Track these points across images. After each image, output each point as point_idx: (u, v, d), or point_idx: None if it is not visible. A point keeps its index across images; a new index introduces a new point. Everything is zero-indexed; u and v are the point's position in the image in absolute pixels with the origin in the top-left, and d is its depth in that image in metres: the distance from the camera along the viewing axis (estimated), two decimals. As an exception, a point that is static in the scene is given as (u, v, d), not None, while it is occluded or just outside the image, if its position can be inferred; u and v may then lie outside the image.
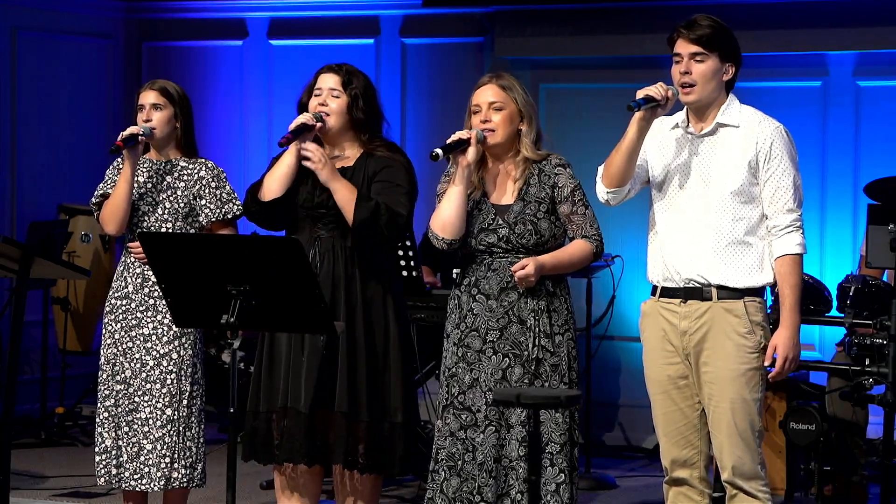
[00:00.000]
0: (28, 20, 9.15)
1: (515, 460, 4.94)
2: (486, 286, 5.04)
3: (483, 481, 4.96)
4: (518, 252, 5.02)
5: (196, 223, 5.59)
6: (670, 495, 4.86)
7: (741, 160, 4.71)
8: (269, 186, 5.22)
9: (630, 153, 4.77)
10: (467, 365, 5.04)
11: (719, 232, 4.72)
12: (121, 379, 5.56)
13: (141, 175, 5.63)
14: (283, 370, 5.19)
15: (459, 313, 5.09)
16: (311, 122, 5.18)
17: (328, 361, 5.13)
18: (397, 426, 5.16)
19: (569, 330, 5.07)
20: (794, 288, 4.70)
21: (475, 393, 5.01)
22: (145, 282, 5.55)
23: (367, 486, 5.22)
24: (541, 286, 5.01)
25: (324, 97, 5.23)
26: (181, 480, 5.52)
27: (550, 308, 5.03)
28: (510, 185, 5.08)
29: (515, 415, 4.95)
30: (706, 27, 4.71)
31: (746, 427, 4.70)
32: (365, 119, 5.24)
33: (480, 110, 5.07)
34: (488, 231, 5.04)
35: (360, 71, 5.32)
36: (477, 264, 5.08)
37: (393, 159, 5.22)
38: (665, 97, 4.70)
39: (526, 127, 5.09)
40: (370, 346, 5.15)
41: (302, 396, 5.13)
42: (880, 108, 8.10)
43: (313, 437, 5.13)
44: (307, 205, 5.22)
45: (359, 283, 5.17)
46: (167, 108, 5.62)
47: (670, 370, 4.80)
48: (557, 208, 5.06)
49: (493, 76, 5.16)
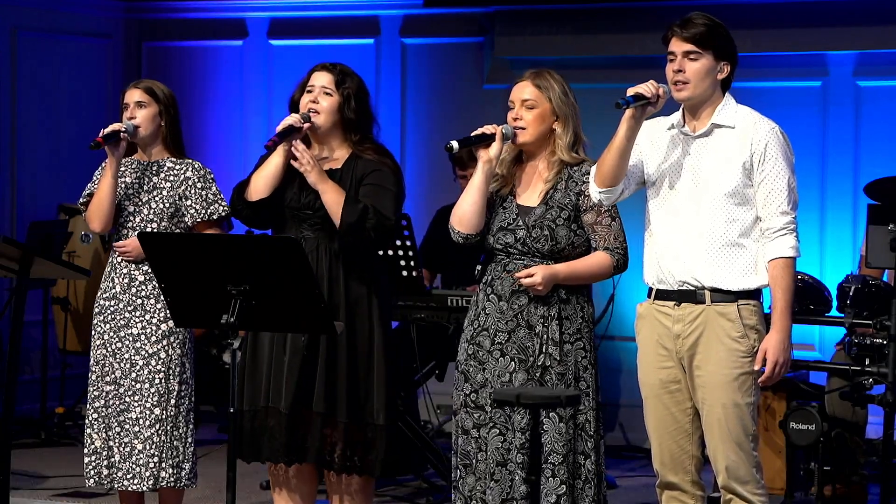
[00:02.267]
0: (28, 20, 9.15)
1: (515, 468, 4.89)
2: (500, 287, 5.00)
3: (485, 485, 4.95)
4: (533, 256, 4.97)
5: (182, 223, 5.59)
6: (663, 499, 4.85)
7: (736, 161, 4.67)
8: (256, 186, 5.22)
9: (621, 152, 4.72)
10: (478, 363, 5.01)
11: (713, 234, 4.68)
12: (111, 379, 5.56)
13: (128, 175, 5.63)
14: (265, 369, 5.19)
15: (475, 311, 5.06)
16: (298, 124, 5.17)
17: (310, 362, 5.13)
18: (379, 428, 5.14)
19: (581, 339, 4.99)
20: (786, 291, 4.64)
21: (486, 392, 4.98)
22: (132, 282, 5.56)
23: (358, 486, 5.20)
24: (553, 293, 4.95)
25: (315, 94, 5.22)
26: (168, 480, 5.51)
27: (562, 315, 4.96)
28: (539, 186, 5.02)
29: (516, 420, 4.91)
30: (700, 25, 4.67)
31: (740, 431, 4.66)
32: (355, 120, 5.23)
33: (514, 106, 5.03)
34: (507, 231, 5.00)
35: (354, 72, 5.31)
36: (495, 263, 5.04)
37: (381, 162, 5.21)
38: (656, 95, 4.65)
39: (560, 128, 5.02)
40: (352, 348, 5.14)
41: (283, 396, 5.13)
42: (880, 108, 8.10)
43: (293, 436, 5.13)
44: (293, 205, 5.21)
45: (342, 284, 5.15)
46: (151, 106, 5.61)
47: (662, 374, 4.76)
48: (581, 217, 4.99)
49: (533, 73, 5.09)
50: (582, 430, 4.95)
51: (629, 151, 4.74)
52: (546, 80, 5.06)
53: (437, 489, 7.13)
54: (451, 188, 7.69)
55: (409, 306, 7.05)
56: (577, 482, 4.94)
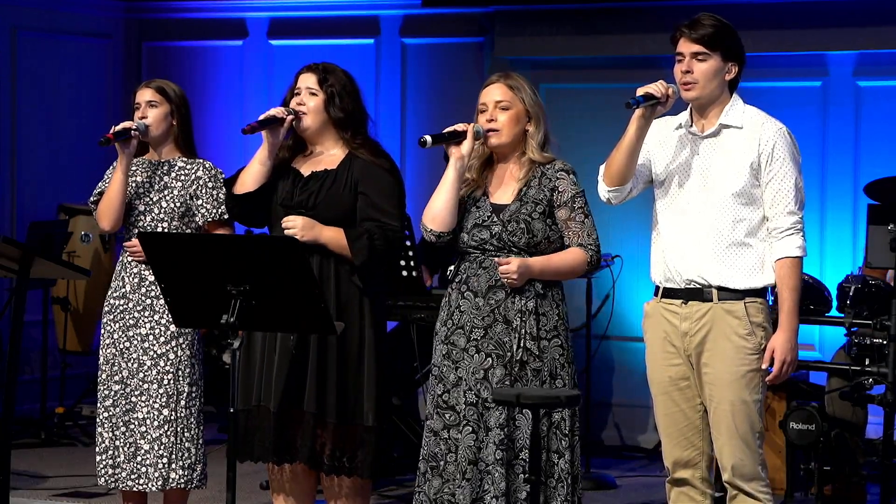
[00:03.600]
0: (28, 20, 9.15)
1: (492, 464, 4.88)
2: (476, 283, 4.99)
3: (456, 484, 4.92)
4: (510, 251, 4.96)
5: (192, 223, 5.59)
6: (672, 495, 4.87)
7: (743, 161, 4.69)
8: (242, 180, 5.22)
9: (630, 151, 4.75)
10: (452, 363, 4.99)
11: (720, 233, 4.71)
12: (119, 379, 5.56)
13: (138, 174, 5.63)
14: (257, 369, 5.18)
15: (448, 310, 5.05)
16: (280, 115, 5.17)
17: (300, 362, 5.11)
18: (368, 430, 5.12)
19: (558, 336, 4.98)
20: (793, 291, 4.68)
21: (458, 391, 4.96)
22: (142, 281, 5.55)
23: (350, 487, 5.18)
24: (530, 287, 4.95)
25: (301, 96, 5.23)
26: (178, 481, 5.51)
27: (539, 311, 4.95)
28: (512, 185, 5.03)
29: (494, 417, 4.89)
30: (709, 26, 4.70)
31: (747, 428, 4.69)
32: (344, 117, 5.21)
33: (487, 109, 5.03)
34: (482, 227, 5.00)
35: (338, 68, 5.27)
36: (469, 262, 5.04)
37: (375, 165, 5.17)
38: (665, 95, 4.68)
39: (533, 128, 5.03)
40: (342, 349, 5.12)
41: (272, 395, 5.13)
42: (880, 108, 8.10)
43: (282, 435, 5.12)
44: (286, 203, 5.19)
45: (333, 284, 5.14)
46: (163, 106, 5.61)
47: (671, 371, 4.79)
48: (555, 213, 5.00)
49: (502, 75, 5.11)
50: (556, 429, 4.93)
51: (638, 151, 4.76)
52: (516, 80, 5.07)
53: (437, 489, 7.12)
54: (451, 188, 7.68)
55: (409, 306, 7.03)
56: (550, 480, 4.91)
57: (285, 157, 5.28)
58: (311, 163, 5.25)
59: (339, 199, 5.15)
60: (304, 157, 5.29)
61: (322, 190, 5.16)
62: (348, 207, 5.15)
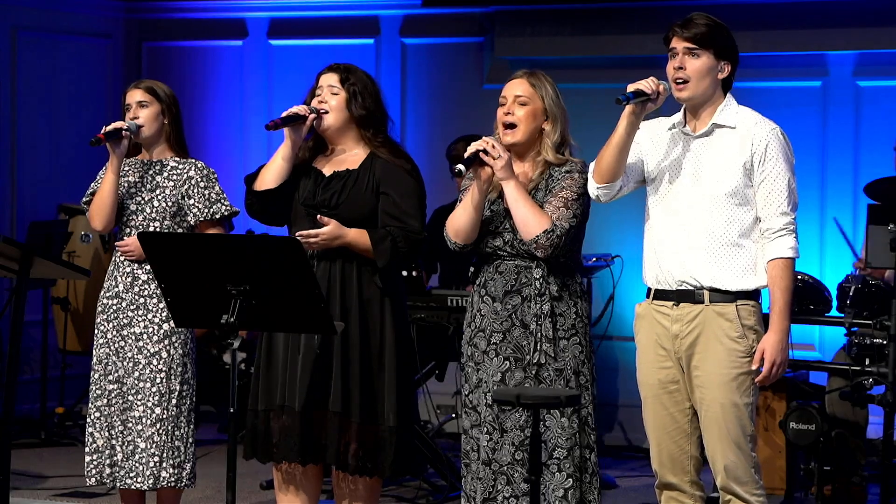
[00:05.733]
0: (28, 20, 9.16)
1: (507, 465, 4.91)
2: (493, 288, 5.01)
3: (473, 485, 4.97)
4: (524, 257, 4.97)
5: (184, 223, 5.60)
6: (662, 499, 4.85)
7: (736, 161, 4.67)
8: (263, 177, 5.23)
9: (620, 148, 4.72)
10: (475, 365, 5.03)
11: (712, 233, 4.68)
12: (114, 378, 5.57)
13: (130, 174, 5.64)
14: (280, 369, 5.19)
15: (471, 313, 5.08)
16: (303, 113, 5.17)
17: (324, 361, 5.13)
18: (390, 429, 5.13)
19: (576, 334, 4.99)
20: (785, 292, 4.64)
21: (480, 393, 5.01)
22: (135, 281, 5.56)
23: (365, 487, 5.20)
24: (545, 289, 4.97)
25: (323, 95, 5.24)
26: (169, 480, 5.52)
27: (555, 312, 4.96)
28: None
29: (511, 419, 4.92)
30: (702, 25, 4.68)
31: (738, 432, 4.65)
32: (366, 115, 5.24)
33: (506, 102, 5.04)
34: (495, 234, 5.01)
35: (360, 69, 5.33)
36: (488, 265, 5.05)
37: (396, 166, 5.20)
38: (656, 91, 4.65)
39: (549, 127, 5.02)
40: (365, 348, 5.13)
41: (297, 395, 5.13)
42: (880, 108, 8.10)
43: (308, 435, 5.13)
44: (308, 202, 5.21)
45: (356, 283, 5.16)
46: (153, 106, 5.63)
47: (661, 374, 4.76)
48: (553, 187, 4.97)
49: (526, 72, 5.12)
50: (585, 424, 4.97)
51: (628, 148, 4.74)
52: (540, 79, 5.08)
53: (438, 489, 7.13)
54: (450, 188, 7.70)
55: (409, 306, 7.03)
56: (585, 475, 4.95)
57: (305, 158, 5.28)
58: (332, 162, 5.27)
59: (362, 199, 5.17)
60: (325, 157, 5.30)
61: (344, 190, 5.18)
62: (370, 207, 5.17)
